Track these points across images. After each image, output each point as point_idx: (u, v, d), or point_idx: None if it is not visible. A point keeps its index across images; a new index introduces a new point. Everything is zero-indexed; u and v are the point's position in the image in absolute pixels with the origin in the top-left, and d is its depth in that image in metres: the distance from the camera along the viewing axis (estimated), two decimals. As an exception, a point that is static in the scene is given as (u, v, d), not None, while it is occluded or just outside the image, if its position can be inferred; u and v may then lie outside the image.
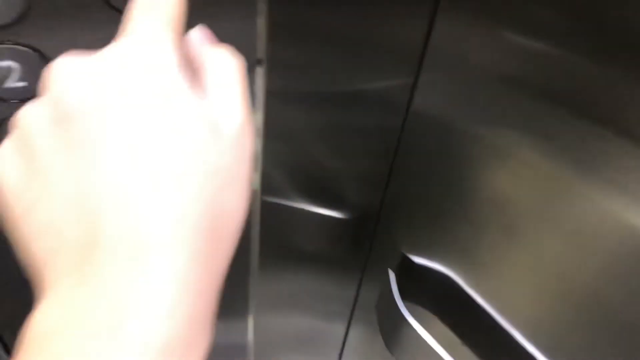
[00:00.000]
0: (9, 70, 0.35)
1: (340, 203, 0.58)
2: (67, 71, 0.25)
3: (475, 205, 0.52)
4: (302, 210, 0.57)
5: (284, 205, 0.57)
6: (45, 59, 0.35)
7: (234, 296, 0.65)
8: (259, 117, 0.48)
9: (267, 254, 0.62)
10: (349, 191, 0.57)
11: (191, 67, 0.28)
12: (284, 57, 0.29)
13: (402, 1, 0.39)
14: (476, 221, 0.53)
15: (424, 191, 0.55)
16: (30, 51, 0.35)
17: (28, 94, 0.36)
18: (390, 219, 0.58)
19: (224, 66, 0.28)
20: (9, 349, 0.60)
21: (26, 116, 0.25)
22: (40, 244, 0.24)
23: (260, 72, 0.45)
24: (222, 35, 0.30)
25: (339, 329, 0.82)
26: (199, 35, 0.30)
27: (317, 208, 0.58)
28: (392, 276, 0.58)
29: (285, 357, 0.93)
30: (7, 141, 0.26)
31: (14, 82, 0.35)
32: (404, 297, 0.57)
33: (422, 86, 0.46)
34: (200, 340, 0.24)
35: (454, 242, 0.55)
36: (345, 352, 0.88)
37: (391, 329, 0.59)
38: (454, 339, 0.57)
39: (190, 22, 0.29)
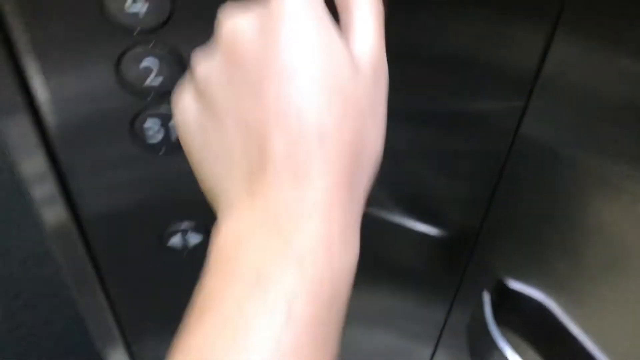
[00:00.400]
0: (149, 70, 0.40)
1: (439, 221, 0.59)
2: (234, 26, 0.29)
3: (579, 236, 0.51)
4: (399, 224, 0.59)
5: (379, 218, 0.58)
6: (183, 60, 0.39)
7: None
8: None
9: (358, 267, 0.64)
10: (449, 210, 0.58)
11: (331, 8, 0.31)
12: (392, 75, 0.31)
13: (519, 23, 0.40)
14: (579, 252, 0.52)
15: (526, 217, 0.54)
16: (170, 54, 0.39)
17: (164, 89, 0.40)
18: (488, 242, 0.58)
19: (361, 4, 0.31)
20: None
21: (202, 69, 0.31)
22: (216, 171, 0.30)
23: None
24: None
25: (426, 350, 0.82)
26: None
27: (414, 224, 0.59)
28: (486, 299, 0.57)
29: None
30: (186, 92, 0.32)
31: (153, 81, 0.41)
32: (497, 321, 0.56)
33: (532, 110, 0.46)
34: (351, 249, 0.29)
35: (553, 270, 0.54)
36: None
37: (481, 352, 0.59)
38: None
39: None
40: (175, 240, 0.45)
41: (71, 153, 0.44)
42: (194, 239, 0.46)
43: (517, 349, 0.55)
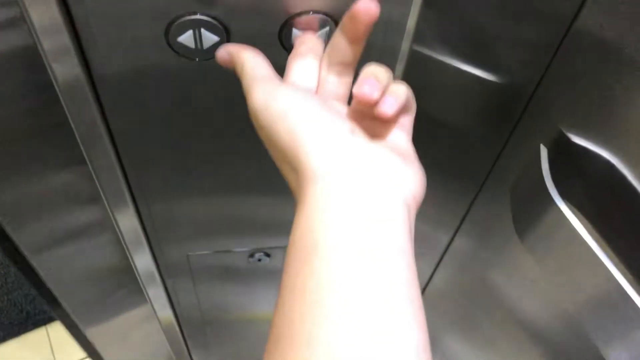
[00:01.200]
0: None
1: (498, 66, 0.51)
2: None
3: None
4: (454, 67, 0.51)
5: (434, 59, 0.50)
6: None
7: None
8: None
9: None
10: (511, 54, 0.50)
11: None
12: None
13: None
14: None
15: (595, 65, 0.47)
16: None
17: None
18: (551, 91, 0.51)
19: None
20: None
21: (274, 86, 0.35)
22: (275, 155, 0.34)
23: None
24: None
25: (444, 237, 0.78)
26: None
27: (470, 68, 0.51)
28: (543, 152, 0.51)
29: None
30: (261, 90, 0.34)
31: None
32: (554, 178, 0.50)
33: None
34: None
35: (622, 124, 0.47)
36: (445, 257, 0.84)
37: (532, 214, 0.53)
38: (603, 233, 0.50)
39: None
40: (186, 37, 0.38)
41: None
42: (209, 38, 0.38)
43: (574, 211, 0.49)
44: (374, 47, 0.42)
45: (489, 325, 0.80)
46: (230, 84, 0.43)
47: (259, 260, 0.64)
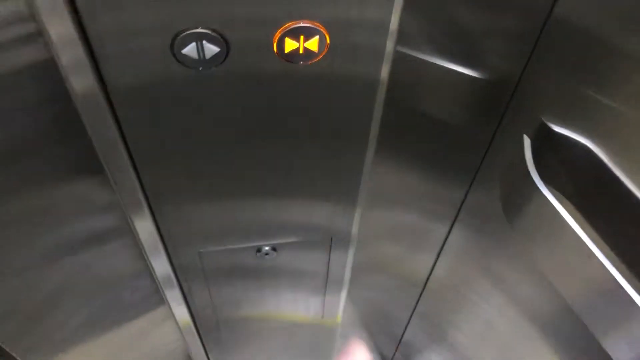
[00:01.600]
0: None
1: (482, 61, 0.55)
2: None
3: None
4: (439, 66, 0.55)
5: (419, 59, 0.54)
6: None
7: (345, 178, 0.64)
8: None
9: (389, 122, 0.61)
10: (493, 49, 0.54)
11: None
12: None
13: None
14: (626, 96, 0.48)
15: (577, 55, 0.50)
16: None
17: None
18: (532, 83, 0.54)
19: None
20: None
21: None
22: None
23: None
24: None
25: (442, 229, 0.81)
26: None
27: (455, 65, 0.55)
28: (526, 142, 0.54)
29: (386, 248, 0.94)
30: None
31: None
32: (537, 166, 0.54)
33: None
34: None
35: (600, 114, 0.51)
36: (445, 249, 0.87)
37: (518, 200, 0.57)
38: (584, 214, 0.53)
39: None
40: (190, 49, 0.42)
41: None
42: (210, 49, 0.43)
43: (557, 196, 0.53)
44: (360, 51, 0.46)
45: (488, 310, 0.83)
46: (231, 91, 0.47)
47: (266, 254, 0.68)
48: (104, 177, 0.59)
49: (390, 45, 0.47)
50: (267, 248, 0.68)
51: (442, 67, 0.55)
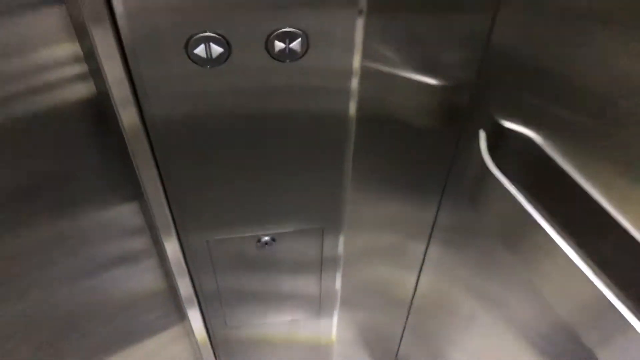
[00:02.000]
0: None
1: (438, 70, 0.66)
2: None
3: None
4: (402, 77, 0.66)
5: (384, 72, 0.65)
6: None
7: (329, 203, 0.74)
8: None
9: (363, 133, 0.71)
10: (447, 57, 0.65)
11: None
12: None
13: None
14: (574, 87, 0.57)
15: (524, 56, 0.61)
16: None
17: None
18: (485, 85, 0.65)
19: None
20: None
21: None
22: None
23: None
24: None
25: (420, 246, 0.90)
26: None
27: (416, 75, 0.66)
28: (482, 135, 0.64)
29: (372, 268, 1.01)
30: None
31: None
32: (493, 158, 0.63)
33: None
34: None
35: (544, 107, 0.60)
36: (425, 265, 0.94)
37: (477, 183, 0.66)
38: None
39: None
40: (200, 50, 0.54)
41: None
42: (216, 50, 0.54)
43: (510, 179, 0.62)
44: (330, 69, 0.58)
45: (479, 324, 0.88)
46: (235, 87, 0.59)
47: (266, 244, 0.78)
48: (141, 203, 0.69)
49: (357, 62, 0.58)
50: (266, 238, 0.78)
51: (404, 77, 0.66)
